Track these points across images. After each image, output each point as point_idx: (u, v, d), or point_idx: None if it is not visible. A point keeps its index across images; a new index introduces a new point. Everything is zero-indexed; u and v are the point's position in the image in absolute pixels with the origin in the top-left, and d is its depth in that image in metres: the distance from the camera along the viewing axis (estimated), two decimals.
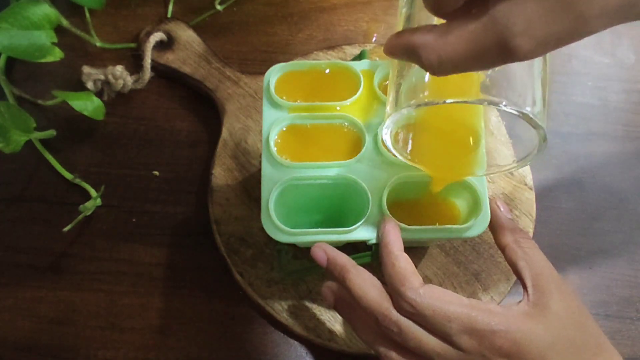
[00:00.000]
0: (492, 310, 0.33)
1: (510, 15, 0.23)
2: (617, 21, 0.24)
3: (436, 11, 0.26)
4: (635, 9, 0.23)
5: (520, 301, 0.35)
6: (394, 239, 0.37)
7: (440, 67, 0.26)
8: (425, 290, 0.33)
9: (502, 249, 0.38)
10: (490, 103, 0.29)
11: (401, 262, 0.35)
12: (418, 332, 0.33)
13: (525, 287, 0.35)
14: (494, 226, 0.39)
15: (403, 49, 0.28)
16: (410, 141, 0.39)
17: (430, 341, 0.33)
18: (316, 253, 0.38)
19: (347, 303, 0.37)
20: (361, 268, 0.36)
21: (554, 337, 0.33)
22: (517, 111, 0.29)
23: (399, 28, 0.33)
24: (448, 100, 0.30)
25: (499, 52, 0.24)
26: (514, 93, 0.29)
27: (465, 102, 0.30)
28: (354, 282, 0.35)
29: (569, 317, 0.34)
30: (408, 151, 0.39)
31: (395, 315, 0.34)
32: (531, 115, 0.29)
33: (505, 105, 0.29)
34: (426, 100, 0.30)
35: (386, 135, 0.35)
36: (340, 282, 0.36)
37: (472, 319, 0.32)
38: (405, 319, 0.34)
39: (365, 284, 0.35)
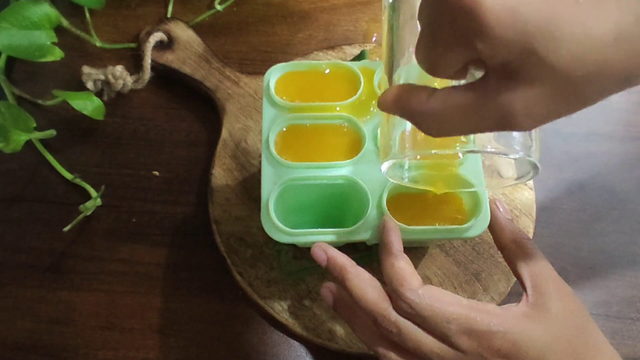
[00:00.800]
0: (490, 311, 0.33)
1: (512, 100, 0.24)
2: (614, 93, 0.25)
3: (432, 74, 0.27)
4: (629, 82, 0.24)
5: (519, 302, 0.34)
6: (394, 239, 0.37)
7: (438, 134, 0.27)
8: (424, 291, 0.33)
9: (502, 249, 0.38)
10: (487, 152, 0.30)
11: (400, 263, 0.35)
12: (417, 333, 0.33)
13: (524, 288, 0.35)
14: (494, 227, 0.39)
15: (401, 112, 0.29)
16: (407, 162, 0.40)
17: (429, 342, 0.33)
18: (316, 253, 0.38)
19: (346, 304, 0.37)
20: (361, 268, 0.36)
21: (553, 338, 0.33)
22: (514, 158, 0.30)
23: (384, 37, 0.33)
24: (443, 152, 0.31)
25: (499, 126, 0.25)
26: (508, 137, 0.30)
27: (470, 151, 0.31)
28: (353, 282, 0.35)
29: (567, 318, 0.34)
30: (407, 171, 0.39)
31: (394, 315, 0.34)
32: (527, 158, 0.30)
33: (502, 154, 0.30)
34: (433, 151, 0.31)
35: (386, 174, 0.36)
36: (340, 282, 0.36)
37: (471, 319, 0.32)
38: (404, 320, 0.34)
39: (364, 285, 0.35)
